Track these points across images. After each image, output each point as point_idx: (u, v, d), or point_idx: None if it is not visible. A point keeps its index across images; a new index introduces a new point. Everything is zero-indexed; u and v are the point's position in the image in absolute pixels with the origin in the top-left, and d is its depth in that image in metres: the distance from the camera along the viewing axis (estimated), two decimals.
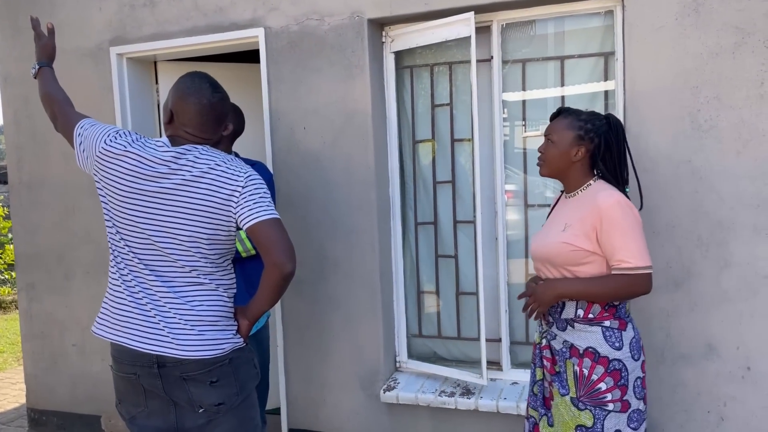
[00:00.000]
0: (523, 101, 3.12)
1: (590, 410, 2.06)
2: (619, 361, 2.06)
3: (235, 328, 2.07)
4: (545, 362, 2.22)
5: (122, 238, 2.00)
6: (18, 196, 3.99)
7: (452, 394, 3.11)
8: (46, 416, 4.07)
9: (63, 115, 2.21)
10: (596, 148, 2.15)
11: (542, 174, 2.24)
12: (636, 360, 2.10)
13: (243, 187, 1.97)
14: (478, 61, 3.09)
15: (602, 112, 2.56)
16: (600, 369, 2.06)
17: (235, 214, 1.97)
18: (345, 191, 3.22)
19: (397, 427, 3.27)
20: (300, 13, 3.23)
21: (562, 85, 3.04)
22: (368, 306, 3.25)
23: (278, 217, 1.97)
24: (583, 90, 3.02)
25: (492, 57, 3.10)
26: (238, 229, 2.02)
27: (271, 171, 3.30)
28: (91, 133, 2.06)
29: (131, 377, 2.01)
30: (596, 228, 2.05)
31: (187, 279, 1.99)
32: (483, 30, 3.10)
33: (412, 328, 3.44)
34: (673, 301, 2.78)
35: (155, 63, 3.84)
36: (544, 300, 2.15)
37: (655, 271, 2.77)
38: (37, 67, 2.37)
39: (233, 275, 2.12)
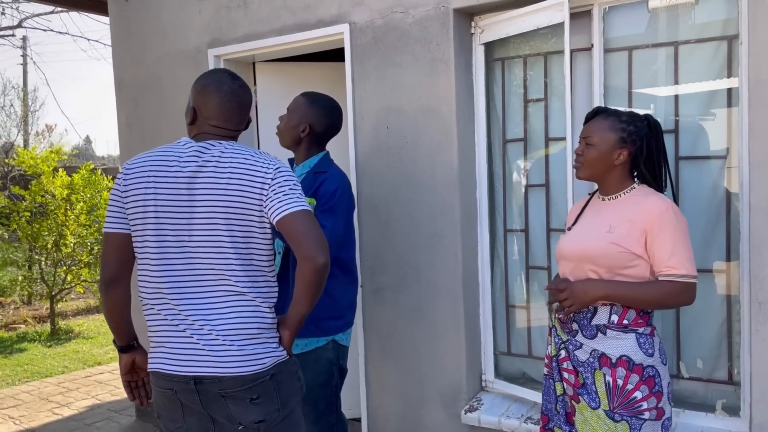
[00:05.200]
0: (629, 92, 2.73)
1: (627, 421, 1.99)
2: (653, 367, 2.01)
3: (277, 340, 1.94)
4: (566, 375, 2.12)
5: (153, 258, 1.89)
6: None
7: (539, 422, 2.79)
8: (151, 408, 4.21)
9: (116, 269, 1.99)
10: (638, 151, 2.08)
11: (580, 177, 2.16)
12: (665, 365, 2.05)
13: (273, 179, 1.87)
14: (576, 50, 2.76)
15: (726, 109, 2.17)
16: (635, 378, 1.99)
17: (265, 208, 1.86)
18: (428, 194, 3.01)
19: None
20: (384, 6, 3.06)
21: (675, 74, 2.62)
22: (451, 318, 3.02)
23: (309, 209, 1.86)
24: (700, 83, 2.59)
25: (592, 45, 2.75)
26: (273, 230, 1.90)
27: (353, 173, 3.17)
28: (111, 207, 1.95)
29: (168, 392, 1.92)
30: (646, 232, 1.99)
31: (223, 289, 1.88)
32: (582, 15, 2.76)
33: (501, 345, 3.15)
34: None
35: (254, 64, 3.85)
36: (583, 299, 2.04)
37: None
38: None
39: (275, 285, 1.99)
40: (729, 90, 2.54)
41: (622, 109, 2.21)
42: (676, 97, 2.63)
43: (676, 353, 2.70)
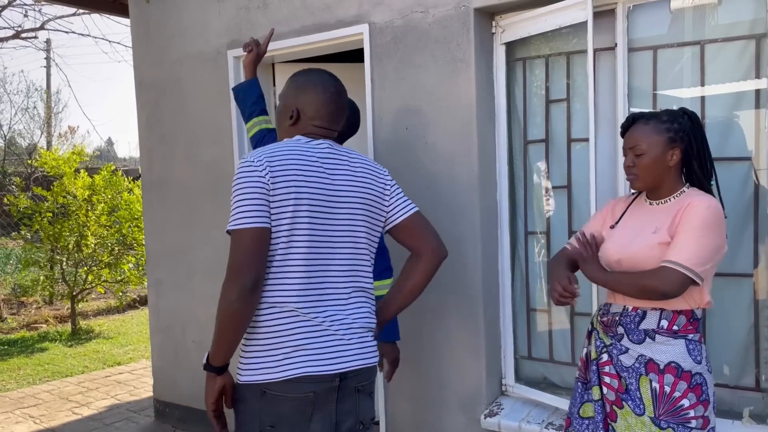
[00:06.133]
0: (654, 94, 2.68)
1: (672, 428, 1.94)
2: (701, 374, 1.97)
3: None
4: (607, 379, 2.07)
5: (302, 257, 1.79)
6: (149, 195, 4.19)
7: (560, 428, 2.75)
8: (170, 408, 4.23)
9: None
10: (689, 146, 2.02)
11: (636, 188, 2.10)
12: (710, 373, 2.01)
13: (391, 181, 2.00)
14: (599, 49, 2.72)
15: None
16: (683, 385, 1.95)
17: (387, 206, 1.97)
18: (447, 195, 2.98)
19: None
20: (404, 5, 3.04)
21: (701, 75, 2.57)
22: (470, 322, 2.98)
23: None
24: (727, 83, 2.53)
25: (616, 44, 2.70)
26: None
27: None
28: (254, 201, 1.76)
29: (308, 396, 1.77)
30: (677, 225, 1.95)
31: (354, 284, 1.91)
32: (606, 14, 2.71)
33: (521, 349, 3.11)
34: None
35: (273, 65, 3.84)
36: (585, 268, 2.10)
37: None
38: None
39: None
40: (757, 91, 2.48)
41: (650, 110, 2.16)
42: (703, 98, 2.58)
43: None
